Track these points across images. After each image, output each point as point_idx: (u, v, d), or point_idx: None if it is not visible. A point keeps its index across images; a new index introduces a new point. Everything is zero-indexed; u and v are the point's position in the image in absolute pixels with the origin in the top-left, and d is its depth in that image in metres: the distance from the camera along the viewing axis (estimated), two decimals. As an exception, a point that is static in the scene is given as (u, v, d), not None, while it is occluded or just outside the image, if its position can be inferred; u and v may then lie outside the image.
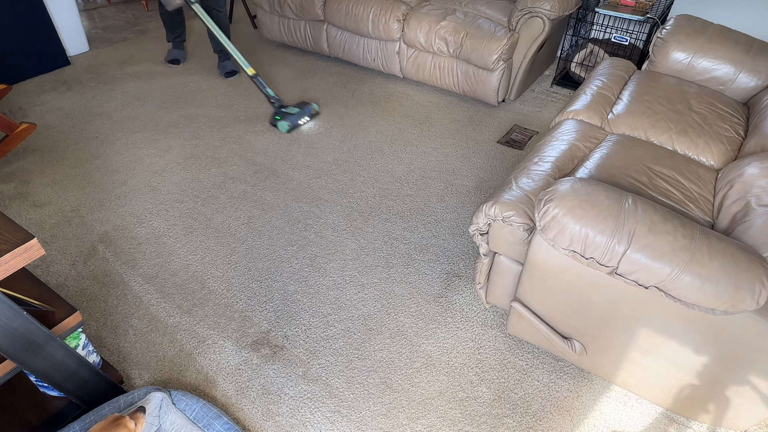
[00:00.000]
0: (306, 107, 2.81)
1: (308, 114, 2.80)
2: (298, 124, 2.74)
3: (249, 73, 2.71)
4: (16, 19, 3.01)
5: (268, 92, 2.74)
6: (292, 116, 2.71)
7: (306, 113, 2.79)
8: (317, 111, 2.86)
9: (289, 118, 2.70)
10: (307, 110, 2.80)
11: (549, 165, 1.68)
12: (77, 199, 2.29)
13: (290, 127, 2.70)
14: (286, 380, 1.59)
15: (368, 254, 2.03)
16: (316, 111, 2.85)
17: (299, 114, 2.75)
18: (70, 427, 1.31)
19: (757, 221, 1.34)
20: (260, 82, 2.73)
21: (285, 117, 2.70)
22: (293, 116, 2.71)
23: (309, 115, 2.80)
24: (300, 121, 2.75)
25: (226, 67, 3.26)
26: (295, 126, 2.73)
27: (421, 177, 2.45)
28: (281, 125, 2.69)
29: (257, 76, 2.73)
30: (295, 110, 2.75)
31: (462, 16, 2.87)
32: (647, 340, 1.37)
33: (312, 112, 2.82)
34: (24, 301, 1.27)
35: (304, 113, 2.78)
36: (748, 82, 2.07)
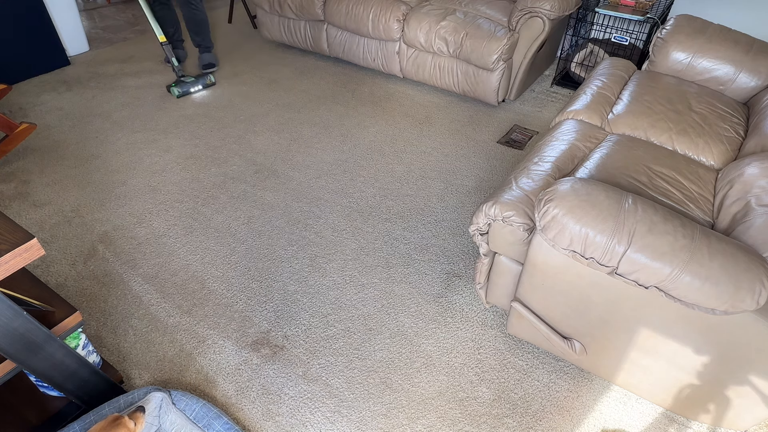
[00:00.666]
0: (202, 78, 3.10)
1: (202, 84, 3.09)
2: (189, 91, 3.04)
3: (160, 40, 2.97)
4: (16, 19, 3.01)
5: (172, 61, 3.01)
6: (185, 84, 3.01)
7: (200, 82, 3.08)
8: (212, 82, 3.13)
9: (182, 85, 3.00)
10: (202, 80, 3.09)
11: (549, 165, 1.68)
12: (77, 199, 2.29)
13: (180, 93, 3.00)
14: (286, 380, 1.59)
15: (368, 254, 2.03)
16: (211, 82, 3.12)
17: (193, 83, 3.05)
18: (70, 427, 1.31)
19: (757, 221, 1.34)
20: (168, 50, 2.98)
21: (179, 84, 3.00)
22: (187, 84, 3.02)
23: (203, 85, 3.09)
24: (192, 89, 3.05)
25: (205, 59, 3.31)
26: (186, 92, 3.03)
27: (421, 177, 2.45)
28: (173, 90, 3.00)
29: (167, 43, 3.00)
30: (191, 79, 3.06)
31: (462, 16, 2.87)
32: (647, 340, 1.37)
33: (207, 83, 3.11)
34: (24, 301, 1.27)
35: (198, 82, 3.07)
36: (748, 82, 2.07)
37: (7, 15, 2.96)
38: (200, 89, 3.09)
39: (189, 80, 3.05)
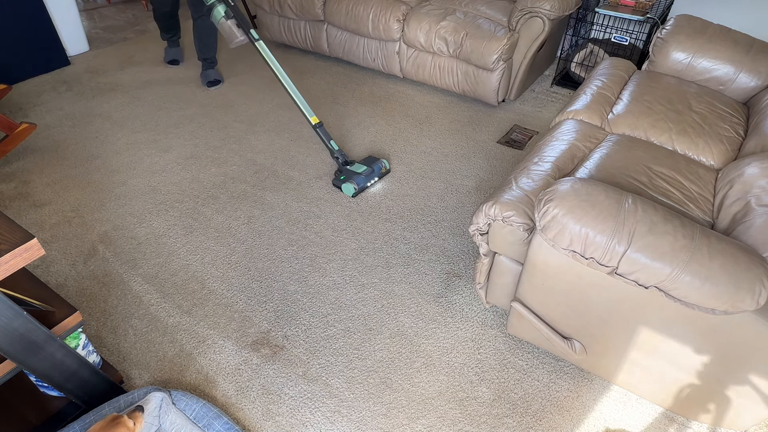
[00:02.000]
0: (375, 164, 2.38)
1: (377, 173, 2.38)
2: (366, 186, 2.34)
3: (312, 122, 2.35)
4: (16, 19, 3.01)
5: (331, 145, 2.35)
6: (358, 176, 2.31)
7: (375, 172, 2.37)
8: (387, 169, 2.45)
9: (355, 178, 2.29)
10: (377, 168, 2.38)
11: (549, 165, 1.68)
12: (77, 199, 2.29)
13: (356, 191, 2.30)
14: (286, 380, 1.59)
15: (368, 254, 2.03)
16: (386, 169, 2.44)
17: (367, 173, 2.33)
18: (70, 427, 1.31)
19: (757, 221, 1.34)
20: (324, 133, 2.36)
21: (351, 177, 2.30)
22: (360, 176, 2.31)
23: (378, 175, 2.39)
24: (368, 183, 2.35)
25: (209, 76, 3.17)
26: (363, 188, 2.33)
27: (421, 177, 2.45)
28: (346, 188, 2.30)
29: (321, 125, 2.36)
30: (362, 168, 2.34)
31: (462, 16, 2.87)
32: (647, 340, 1.37)
33: (382, 171, 2.41)
34: (24, 301, 1.27)
35: (373, 173, 2.36)
36: (748, 82, 2.07)
37: (7, 15, 2.96)
38: (376, 182, 2.40)
39: (360, 169, 2.34)
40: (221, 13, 2.29)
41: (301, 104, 2.34)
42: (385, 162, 2.42)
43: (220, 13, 2.29)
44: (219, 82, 3.19)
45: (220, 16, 2.29)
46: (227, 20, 2.29)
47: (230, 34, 2.30)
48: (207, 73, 3.19)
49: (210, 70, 3.20)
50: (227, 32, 2.30)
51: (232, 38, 2.30)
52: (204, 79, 3.18)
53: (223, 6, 2.29)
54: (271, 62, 2.32)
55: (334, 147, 2.35)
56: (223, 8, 2.29)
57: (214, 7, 2.30)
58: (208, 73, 3.19)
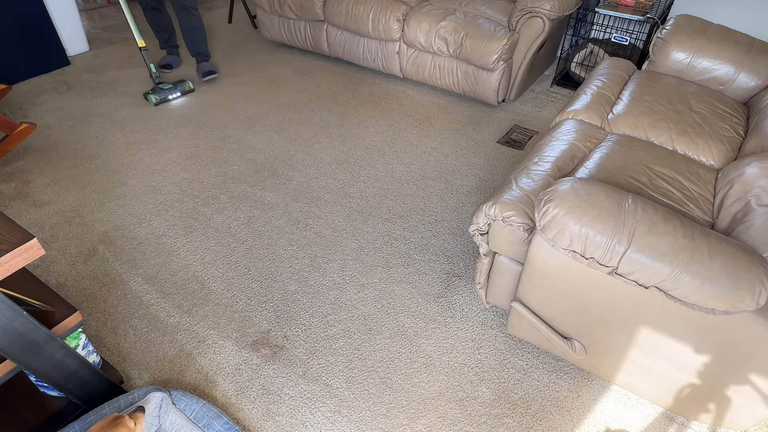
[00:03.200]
0: (180, 84, 3.04)
1: (180, 90, 3.03)
2: (167, 98, 2.98)
3: (139, 45, 2.89)
4: (16, 19, 3.01)
5: (150, 68, 2.94)
6: (163, 91, 2.96)
7: (178, 89, 3.02)
8: (190, 88, 3.07)
9: (160, 92, 2.95)
10: (180, 87, 3.03)
11: (549, 165, 1.68)
12: (77, 199, 2.29)
13: (158, 100, 2.94)
14: (286, 380, 1.59)
15: (368, 254, 2.03)
16: (189, 88, 3.06)
17: (171, 90, 2.99)
18: (70, 427, 1.31)
19: (757, 221, 1.34)
20: (147, 56, 2.92)
21: (156, 91, 2.94)
22: (165, 91, 2.96)
23: (181, 91, 3.03)
24: (170, 96, 2.99)
25: (204, 68, 3.22)
26: (164, 100, 2.97)
27: (421, 177, 2.45)
28: (150, 97, 2.94)
29: (146, 48, 2.92)
30: (168, 86, 2.99)
31: (462, 16, 2.87)
32: (647, 340, 1.37)
33: (185, 89, 3.05)
34: (24, 301, 1.27)
35: (176, 89, 3.01)
36: (748, 82, 2.07)
37: (7, 15, 2.96)
38: (178, 96, 3.03)
39: (167, 87, 2.99)
40: None
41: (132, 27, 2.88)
42: (190, 83, 3.08)
43: None
44: (214, 72, 3.24)
45: None
46: None
47: None
48: (202, 66, 3.24)
49: (204, 62, 3.26)
50: None
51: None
52: (200, 72, 3.24)
53: None
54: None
55: (152, 69, 2.96)
56: None
57: None
58: (202, 65, 3.24)
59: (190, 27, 3.12)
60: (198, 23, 3.14)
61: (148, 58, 2.93)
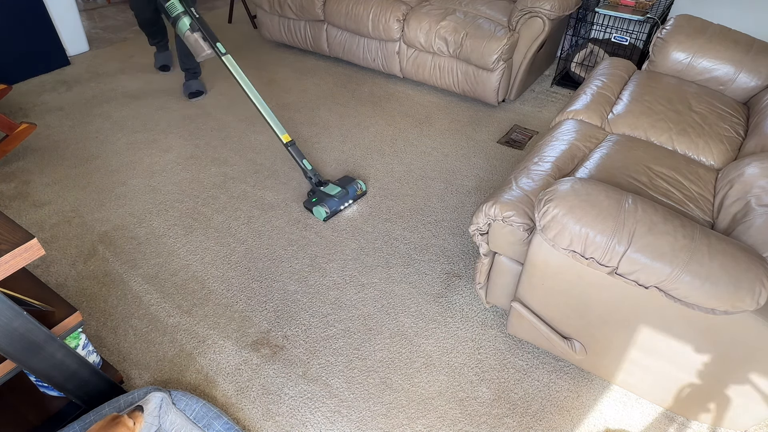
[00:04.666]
0: (350, 185, 2.25)
1: (352, 195, 2.24)
2: (338, 209, 2.20)
3: (283, 140, 2.25)
4: (16, 19, 3.01)
5: (304, 164, 2.24)
6: (331, 199, 2.17)
7: (350, 194, 2.23)
8: (363, 191, 2.29)
9: (327, 201, 2.16)
10: (351, 190, 2.24)
11: (549, 165, 1.68)
12: (77, 199, 2.29)
13: (328, 215, 2.16)
14: (286, 380, 1.59)
15: (368, 254, 2.03)
16: (362, 191, 2.28)
17: (341, 195, 2.19)
18: (70, 427, 1.31)
19: (757, 221, 1.34)
20: (296, 152, 2.25)
21: (323, 200, 2.17)
22: (333, 199, 2.18)
23: (353, 197, 2.25)
24: (342, 206, 2.21)
25: (191, 87, 3.05)
26: (336, 212, 2.20)
27: (421, 177, 2.45)
28: (317, 212, 2.17)
29: (293, 143, 2.26)
30: (335, 189, 2.21)
31: (462, 16, 2.87)
32: (647, 340, 1.37)
33: (357, 193, 2.26)
34: (24, 301, 1.27)
35: (347, 195, 2.22)
36: (748, 82, 2.07)
37: (7, 15, 2.96)
38: (350, 204, 2.26)
39: (333, 191, 2.20)
40: (186, 26, 2.18)
41: (273, 122, 2.24)
42: (361, 183, 2.29)
43: (185, 25, 2.18)
44: (201, 93, 3.06)
45: (186, 29, 2.19)
46: (192, 33, 2.19)
47: (196, 48, 2.21)
48: (189, 84, 3.06)
49: (192, 80, 3.08)
50: (193, 45, 2.21)
51: (198, 52, 2.21)
52: (186, 90, 3.06)
53: (188, 18, 2.18)
54: (240, 78, 2.24)
55: (307, 167, 2.24)
56: (189, 20, 2.18)
57: (179, 19, 2.19)
58: (190, 83, 3.06)
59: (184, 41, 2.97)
60: None
61: (298, 154, 2.24)
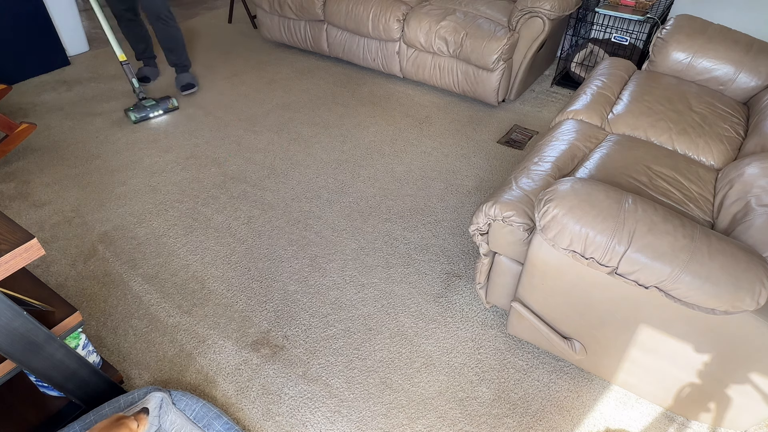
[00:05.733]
0: (164, 102, 2.87)
1: (163, 108, 2.87)
2: (148, 116, 2.82)
3: (119, 59, 2.75)
4: (16, 19, 3.01)
5: (132, 83, 2.80)
6: (144, 108, 2.81)
7: (160, 107, 2.86)
8: (175, 106, 2.91)
9: (141, 109, 2.79)
10: (163, 104, 2.87)
11: (549, 165, 1.68)
12: (77, 199, 2.29)
13: (138, 118, 2.78)
14: (286, 380, 1.59)
15: (368, 254, 2.03)
16: (173, 106, 2.90)
17: (153, 107, 2.83)
18: (70, 427, 1.31)
19: (757, 221, 1.34)
20: (128, 70, 2.77)
21: (138, 108, 2.79)
22: (146, 108, 2.81)
23: (164, 109, 2.87)
24: (151, 114, 2.83)
25: (183, 80, 3.06)
26: (144, 118, 2.81)
27: (421, 177, 2.45)
28: (130, 115, 2.78)
29: (126, 63, 2.76)
30: (151, 102, 2.83)
31: (462, 16, 2.87)
32: (647, 340, 1.37)
33: (169, 107, 2.88)
34: (24, 301, 1.27)
35: (158, 107, 2.85)
36: (748, 82, 2.07)
37: (7, 15, 2.96)
38: (160, 114, 2.86)
39: (149, 104, 2.83)
40: None
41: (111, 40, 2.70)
42: (174, 101, 2.90)
43: None
44: (193, 86, 3.07)
45: None
46: None
47: None
48: (180, 78, 3.08)
49: (183, 74, 3.09)
50: None
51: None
52: (177, 84, 3.08)
53: None
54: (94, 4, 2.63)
55: (135, 84, 2.80)
56: None
57: None
58: (181, 77, 3.08)
59: (167, 38, 2.94)
60: (175, 33, 2.95)
61: (130, 73, 2.78)
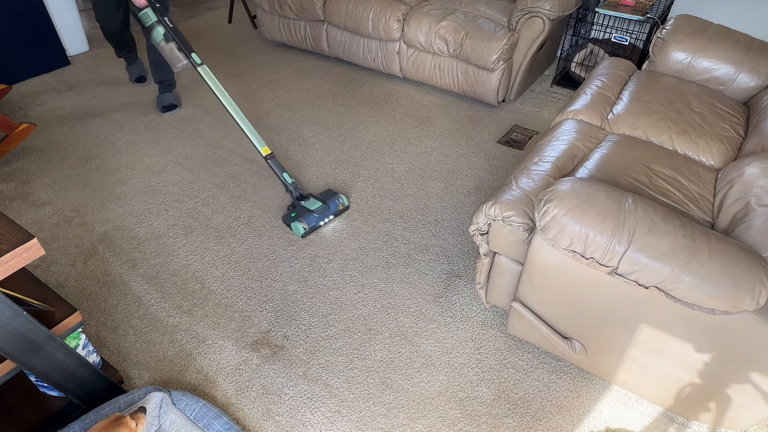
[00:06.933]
0: (331, 200, 2.18)
1: (333, 211, 2.17)
2: (317, 225, 2.14)
3: (263, 153, 2.19)
4: (16, 19, 3.01)
5: (284, 178, 2.18)
6: (310, 215, 2.11)
7: (330, 210, 2.16)
8: (345, 206, 2.23)
9: (306, 217, 2.10)
10: (332, 205, 2.17)
11: (549, 165, 1.68)
12: (77, 199, 2.29)
13: (307, 231, 2.09)
14: (286, 380, 1.59)
15: (368, 254, 2.03)
16: (344, 206, 2.22)
17: (321, 210, 2.12)
18: (70, 427, 1.31)
19: (757, 221, 1.34)
20: (276, 165, 2.19)
21: (302, 215, 2.11)
22: (312, 215, 2.11)
23: (334, 213, 2.18)
24: (321, 222, 2.14)
25: (164, 100, 2.90)
26: (314, 228, 2.13)
27: (421, 177, 2.45)
28: (295, 227, 2.09)
29: (272, 156, 2.20)
30: (316, 204, 2.13)
31: (462, 16, 2.87)
32: (647, 340, 1.37)
33: (339, 208, 2.20)
34: (24, 301, 1.27)
35: (328, 210, 2.15)
36: (748, 82, 2.07)
37: (7, 15, 2.96)
38: (331, 220, 2.19)
39: (314, 206, 2.12)
40: (161, 35, 2.16)
41: (251, 135, 2.19)
42: (344, 198, 2.21)
43: (159, 34, 2.15)
44: (175, 107, 2.92)
45: (160, 38, 2.16)
46: (167, 43, 2.16)
47: (172, 58, 2.18)
48: (162, 97, 2.92)
49: (167, 93, 2.94)
50: (168, 56, 2.18)
51: (174, 62, 2.19)
52: (159, 104, 2.91)
53: (162, 27, 2.15)
54: (216, 89, 2.18)
55: (287, 180, 2.18)
56: (163, 30, 2.15)
57: (153, 29, 2.16)
58: (163, 96, 2.92)
59: (157, 53, 2.73)
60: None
61: (278, 168, 2.18)
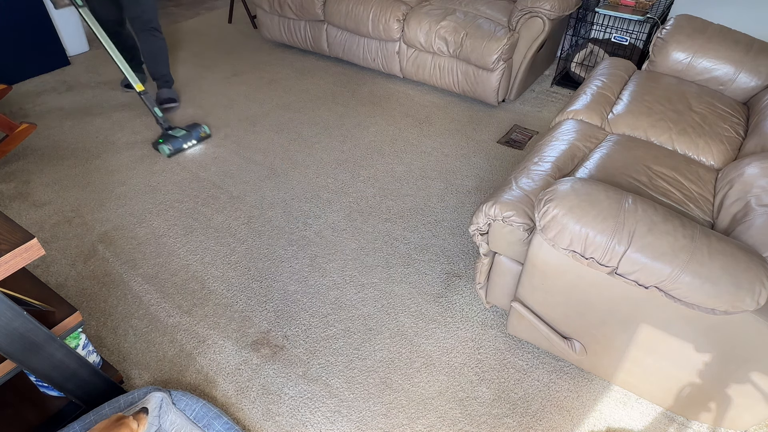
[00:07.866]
0: (194, 130, 2.64)
1: (195, 137, 2.64)
2: (182, 147, 2.59)
3: (137, 89, 2.55)
4: (16, 19, 3.01)
5: (155, 112, 2.58)
6: (176, 139, 2.56)
7: (193, 136, 2.63)
8: (207, 134, 2.69)
9: (172, 141, 2.55)
10: (195, 133, 2.64)
11: (549, 165, 1.68)
12: (77, 199, 2.29)
13: (172, 152, 2.54)
14: (286, 380, 1.59)
15: (368, 254, 2.03)
16: (205, 134, 2.68)
17: (185, 137, 2.59)
18: (70, 427, 1.31)
19: (757, 221, 1.34)
20: (148, 100, 2.56)
21: (168, 140, 2.55)
22: (178, 139, 2.57)
23: (196, 138, 2.64)
24: (185, 145, 2.59)
25: (163, 95, 2.90)
26: (178, 150, 2.57)
27: (421, 177, 2.45)
28: (162, 149, 2.53)
29: (145, 92, 2.57)
30: (181, 132, 2.60)
31: (462, 16, 2.87)
32: (647, 340, 1.37)
33: (201, 135, 2.66)
34: (24, 301, 1.27)
35: (191, 136, 2.62)
36: (748, 82, 2.07)
37: (7, 15, 2.96)
38: (194, 144, 2.64)
39: (179, 134, 2.60)
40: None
41: (125, 70, 2.53)
42: (205, 127, 2.67)
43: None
44: (174, 101, 2.92)
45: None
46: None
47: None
48: (162, 92, 2.92)
49: (164, 89, 2.94)
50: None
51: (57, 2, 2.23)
52: (158, 99, 2.91)
53: None
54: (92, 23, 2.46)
55: (158, 114, 2.59)
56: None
57: None
58: (163, 91, 2.92)
59: (152, 49, 2.82)
60: (161, 45, 2.84)
61: (150, 103, 2.58)
